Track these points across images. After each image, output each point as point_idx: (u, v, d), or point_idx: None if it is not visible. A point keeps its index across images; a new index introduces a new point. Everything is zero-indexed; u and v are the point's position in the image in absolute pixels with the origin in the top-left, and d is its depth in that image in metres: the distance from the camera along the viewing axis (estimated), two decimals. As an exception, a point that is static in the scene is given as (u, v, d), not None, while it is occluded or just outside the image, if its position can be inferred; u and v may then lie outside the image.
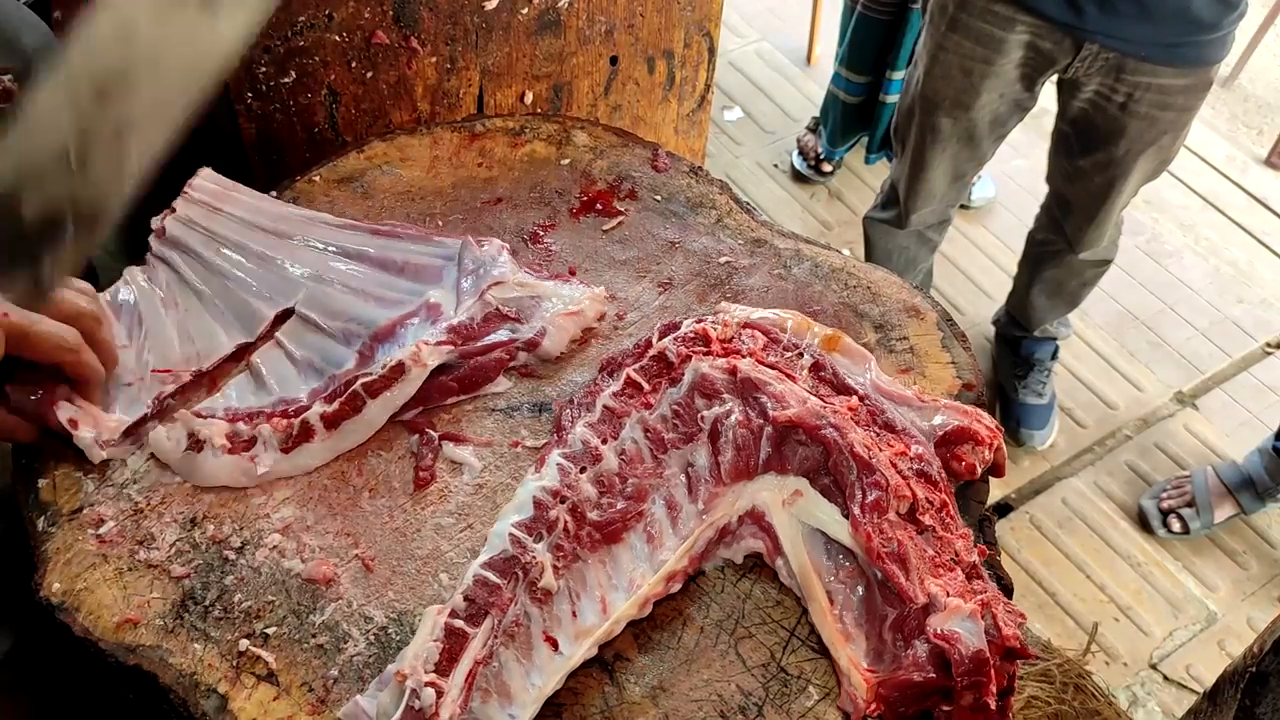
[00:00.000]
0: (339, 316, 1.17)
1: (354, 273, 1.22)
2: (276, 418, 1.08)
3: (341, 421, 1.07)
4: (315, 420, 1.07)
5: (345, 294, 1.20)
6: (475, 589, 0.92)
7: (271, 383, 1.12)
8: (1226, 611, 2.60)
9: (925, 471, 1.03)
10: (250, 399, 1.11)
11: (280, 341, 1.16)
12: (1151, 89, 2.08)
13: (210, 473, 1.05)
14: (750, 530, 1.03)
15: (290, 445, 1.06)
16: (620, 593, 0.98)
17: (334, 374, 1.12)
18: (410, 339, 1.14)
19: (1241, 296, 3.32)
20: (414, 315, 1.17)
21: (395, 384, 1.08)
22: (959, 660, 0.89)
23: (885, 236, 2.71)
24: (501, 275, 1.19)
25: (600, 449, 1.03)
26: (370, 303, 1.19)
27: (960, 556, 0.98)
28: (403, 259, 1.23)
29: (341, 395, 1.08)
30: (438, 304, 1.17)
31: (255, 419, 1.08)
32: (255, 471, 1.05)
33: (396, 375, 1.08)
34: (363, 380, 1.08)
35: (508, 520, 0.98)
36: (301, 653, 0.95)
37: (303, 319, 1.17)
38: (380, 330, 1.15)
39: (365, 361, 1.13)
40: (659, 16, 1.64)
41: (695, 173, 1.38)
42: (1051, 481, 2.84)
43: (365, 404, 1.08)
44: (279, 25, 1.34)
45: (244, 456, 1.05)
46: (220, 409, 1.10)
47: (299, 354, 1.15)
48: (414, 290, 1.20)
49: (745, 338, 1.11)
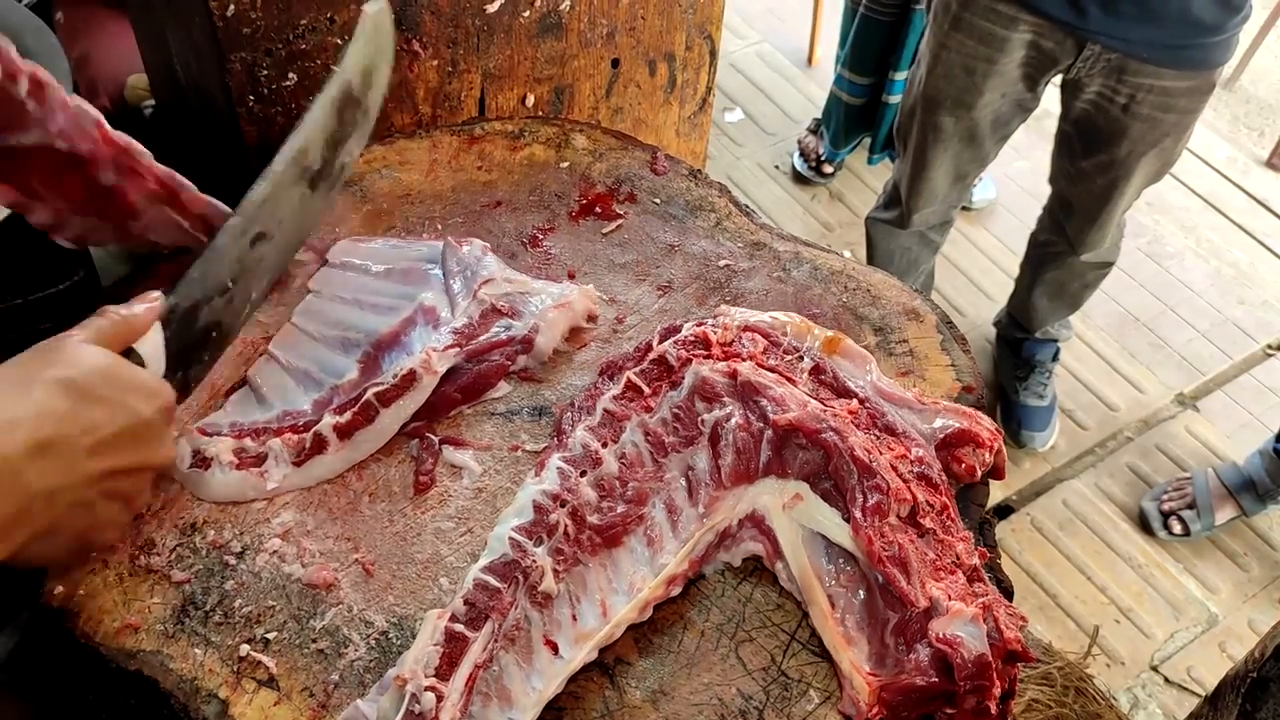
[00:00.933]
0: (335, 326, 1.17)
1: (346, 280, 1.22)
2: (287, 432, 1.08)
3: (355, 432, 1.07)
4: (328, 432, 1.06)
5: (339, 304, 1.19)
6: (475, 593, 0.92)
7: (271, 396, 1.12)
8: (1227, 614, 2.60)
9: (926, 475, 1.03)
10: (253, 413, 1.11)
11: (273, 354, 1.15)
12: (1154, 91, 2.08)
13: (218, 489, 1.04)
14: (750, 533, 1.03)
15: (303, 458, 1.06)
16: (620, 596, 0.98)
17: (335, 384, 1.12)
18: (416, 345, 1.14)
19: (1242, 298, 3.31)
20: (412, 321, 1.16)
21: (407, 392, 1.08)
22: (961, 664, 0.89)
23: (887, 237, 2.71)
24: (490, 273, 1.19)
25: (600, 453, 1.03)
26: (364, 310, 1.19)
27: (961, 559, 0.98)
28: (387, 265, 1.23)
29: (353, 406, 1.08)
30: (433, 307, 1.17)
31: (263, 434, 1.08)
32: (264, 486, 1.05)
33: (409, 383, 1.08)
34: (374, 389, 1.08)
35: (508, 524, 0.98)
36: (302, 657, 0.95)
37: (297, 329, 1.17)
38: (382, 338, 1.15)
39: (371, 370, 1.13)
40: (660, 19, 1.64)
41: (694, 176, 1.38)
42: (1052, 483, 2.84)
43: (378, 413, 1.07)
44: (280, 28, 1.34)
45: (252, 472, 1.05)
46: (225, 425, 1.09)
47: (295, 365, 1.14)
48: (403, 294, 1.20)
49: (745, 341, 1.11)
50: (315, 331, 1.17)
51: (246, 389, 1.14)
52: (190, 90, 1.55)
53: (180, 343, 0.98)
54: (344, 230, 1.28)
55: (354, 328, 1.17)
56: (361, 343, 1.15)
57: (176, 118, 1.70)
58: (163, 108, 1.80)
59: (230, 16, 1.29)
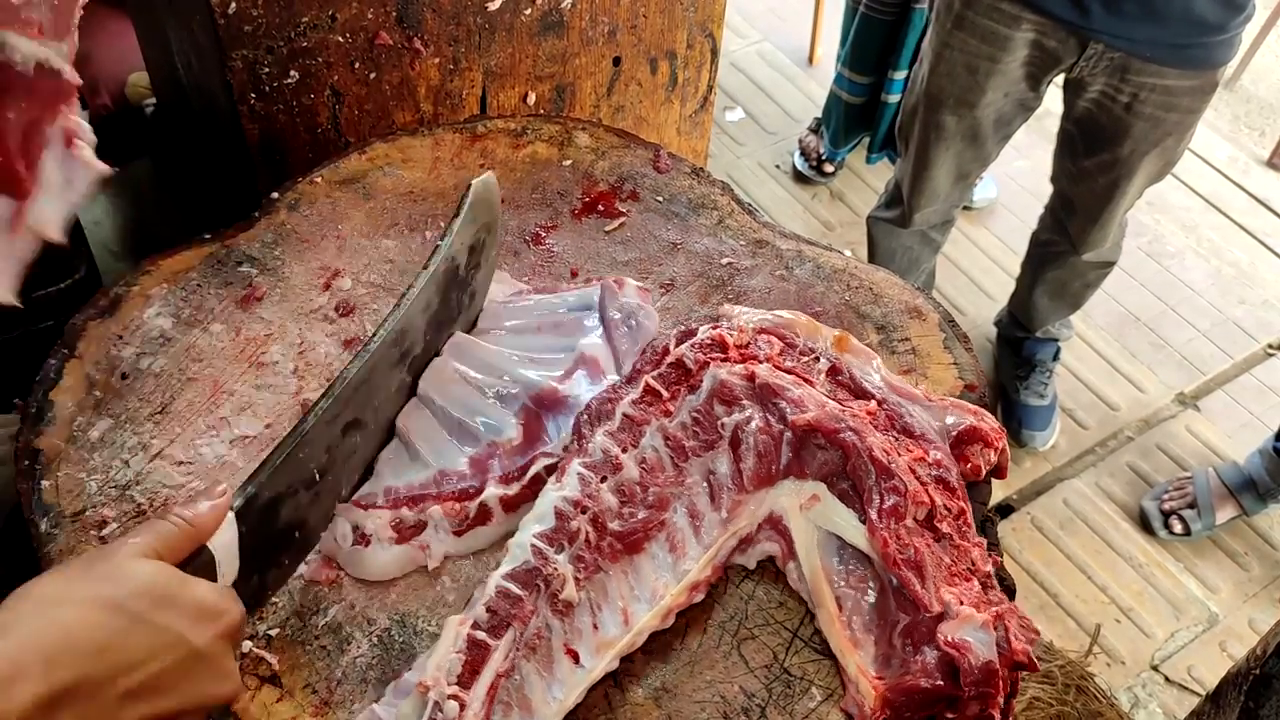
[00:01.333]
0: (489, 370, 1.10)
1: (491, 329, 1.16)
2: (448, 499, 1.02)
3: (521, 505, 1.02)
4: (494, 503, 1.02)
5: (489, 346, 1.13)
6: (497, 600, 0.91)
7: (425, 453, 1.06)
8: (1228, 613, 2.60)
9: (944, 478, 1.02)
10: (407, 473, 1.05)
11: (425, 398, 1.08)
12: (1157, 90, 2.08)
13: (380, 567, 1.00)
14: (767, 535, 1.03)
15: (464, 529, 1.02)
16: (643, 603, 0.96)
17: (493, 441, 1.06)
18: (580, 402, 1.07)
19: (1243, 298, 3.31)
20: (572, 373, 1.10)
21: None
22: (968, 670, 0.88)
23: (889, 236, 2.71)
24: (650, 331, 1.15)
25: (621, 458, 1.01)
26: (518, 361, 1.12)
27: (976, 566, 0.97)
28: (538, 318, 1.17)
29: (520, 478, 1.03)
30: (595, 358, 1.11)
31: (420, 501, 1.02)
32: (428, 562, 1.01)
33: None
34: (545, 462, 1.03)
35: (529, 530, 0.96)
36: (305, 654, 0.95)
37: (450, 366, 1.10)
38: (542, 395, 1.08)
39: (534, 432, 1.06)
40: (662, 17, 1.64)
41: (697, 174, 1.38)
42: (1053, 482, 2.84)
43: (544, 486, 1.02)
44: (282, 26, 1.34)
45: (414, 545, 1.00)
46: (379, 492, 1.04)
47: (450, 412, 1.08)
48: (558, 345, 1.14)
49: (761, 343, 1.10)
50: (467, 375, 1.10)
51: (396, 442, 1.08)
52: (191, 88, 1.55)
53: (257, 542, 0.85)
54: (346, 228, 1.28)
55: (509, 376, 1.10)
56: (520, 396, 1.09)
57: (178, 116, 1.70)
58: (164, 106, 1.80)
59: (231, 14, 1.29)
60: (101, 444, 1.07)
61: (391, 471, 1.05)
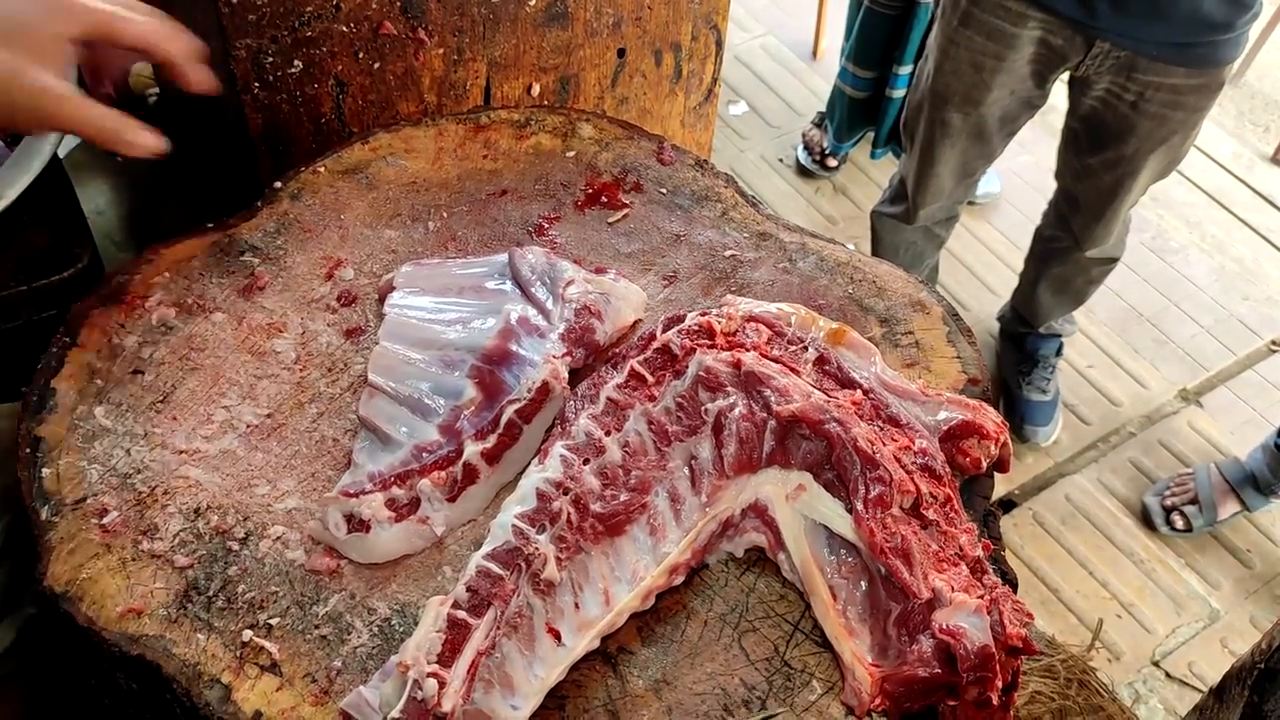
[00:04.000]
0: (428, 346, 1.12)
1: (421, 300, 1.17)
2: (431, 470, 1.03)
3: (503, 454, 1.04)
4: (476, 460, 1.03)
5: (421, 323, 1.14)
6: (478, 580, 0.92)
7: (394, 435, 1.07)
8: (1229, 609, 2.60)
9: (929, 466, 1.02)
10: (384, 457, 1.05)
11: (377, 384, 1.09)
12: (1163, 88, 2.07)
13: (386, 548, 1.00)
14: (753, 524, 1.03)
15: (456, 493, 1.03)
16: (623, 584, 0.97)
17: (455, 405, 1.07)
18: (532, 355, 1.10)
19: (1246, 294, 3.31)
20: (513, 333, 1.12)
21: (544, 404, 1.06)
22: (964, 655, 0.88)
23: (892, 231, 2.70)
24: (570, 274, 1.17)
25: (604, 441, 1.03)
26: (450, 327, 1.13)
27: (965, 551, 0.98)
28: (456, 282, 1.19)
29: (494, 429, 1.04)
30: (525, 317, 1.13)
31: (407, 479, 1.03)
32: (432, 532, 1.02)
33: (544, 395, 1.06)
34: (513, 406, 1.05)
35: (510, 511, 0.97)
36: (305, 643, 0.95)
37: (391, 351, 1.12)
38: (489, 352, 1.10)
39: (493, 387, 1.08)
40: (666, 9, 1.64)
41: (700, 166, 1.37)
42: (1055, 478, 2.84)
43: (522, 431, 1.05)
44: (286, 15, 1.33)
45: (413, 520, 1.01)
46: (364, 479, 1.04)
47: (405, 393, 1.08)
48: (485, 308, 1.15)
49: (749, 331, 1.11)
50: (409, 354, 1.11)
51: (364, 431, 1.08)
52: (195, 77, 1.55)
53: None
54: (349, 217, 1.28)
55: (450, 345, 1.12)
56: (467, 359, 1.10)
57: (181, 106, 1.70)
58: (167, 96, 1.80)
59: (235, 3, 1.29)
60: (103, 432, 1.07)
61: (369, 459, 1.06)
